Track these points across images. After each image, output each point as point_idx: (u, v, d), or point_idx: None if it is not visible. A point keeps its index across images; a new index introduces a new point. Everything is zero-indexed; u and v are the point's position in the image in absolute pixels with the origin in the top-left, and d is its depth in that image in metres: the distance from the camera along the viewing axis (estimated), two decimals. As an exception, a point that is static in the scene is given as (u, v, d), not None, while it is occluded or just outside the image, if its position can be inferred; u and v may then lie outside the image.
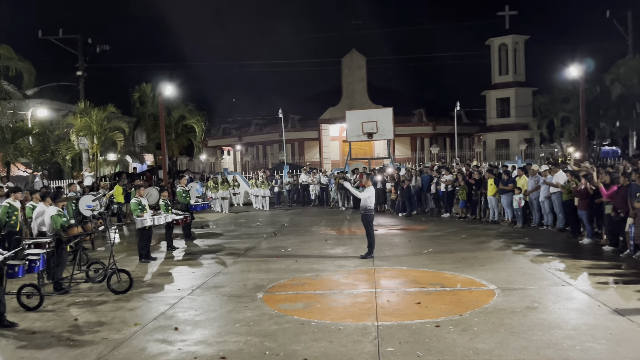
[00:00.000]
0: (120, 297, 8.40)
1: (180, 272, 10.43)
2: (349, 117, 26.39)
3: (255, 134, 51.65)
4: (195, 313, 7.39)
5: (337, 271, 9.91)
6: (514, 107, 43.15)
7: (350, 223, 17.47)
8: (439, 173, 19.01)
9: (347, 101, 44.76)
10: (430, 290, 8.22)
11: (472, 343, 5.82)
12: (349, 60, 46.61)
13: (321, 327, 6.52)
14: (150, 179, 23.56)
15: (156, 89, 25.60)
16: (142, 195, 11.82)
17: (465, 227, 15.37)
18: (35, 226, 9.48)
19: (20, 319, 7.25)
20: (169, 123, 27.38)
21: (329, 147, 46.35)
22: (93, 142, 24.63)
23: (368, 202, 11.18)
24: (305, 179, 25.15)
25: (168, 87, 23.41)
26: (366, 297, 7.92)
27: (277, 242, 13.87)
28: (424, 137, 46.51)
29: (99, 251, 12.96)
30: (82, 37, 29.11)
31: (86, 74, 29.50)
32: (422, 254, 11.43)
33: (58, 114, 29.39)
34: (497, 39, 43.71)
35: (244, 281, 9.26)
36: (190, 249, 13.30)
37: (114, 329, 6.77)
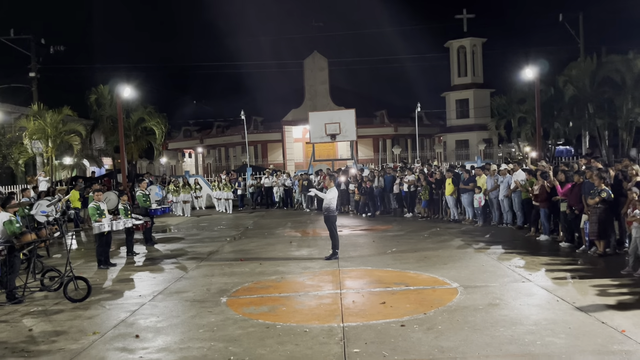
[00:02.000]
0: (78, 305, 8.11)
1: (141, 278, 10.17)
2: (312, 119, 26.38)
3: (217, 136, 51.03)
4: (157, 319, 7.20)
5: (302, 273, 9.86)
6: (472, 108, 44.09)
7: (315, 224, 17.44)
8: (401, 173, 19.20)
9: (310, 103, 44.77)
10: (394, 290, 8.27)
11: (437, 341, 5.87)
12: (311, 62, 46.65)
13: (287, 330, 6.45)
14: (108, 183, 22.93)
15: (114, 91, 24.99)
16: (100, 199, 11.48)
17: (427, 227, 15.57)
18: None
19: (-30, 332, 6.91)
20: (127, 125, 26.76)
21: (292, 148, 46.25)
22: (48, 146, 23.83)
23: (331, 203, 11.17)
24: (269, 181, 25.00)
25: (126, 88, 22.86)
26: (331, 299, 7.90)
27: (240, 245, 13.71)
28: (386, 138, 46.97)
29: (55, 258, 12.51)
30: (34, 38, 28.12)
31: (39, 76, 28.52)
32: (386, 253, 11.50)
33: (10, 116, 28.27)
34: (455, 41, 44.58)
35: (207, 285, 9.09)
36: (151, 254, 12.99)
37: (71, 338, 6.52)
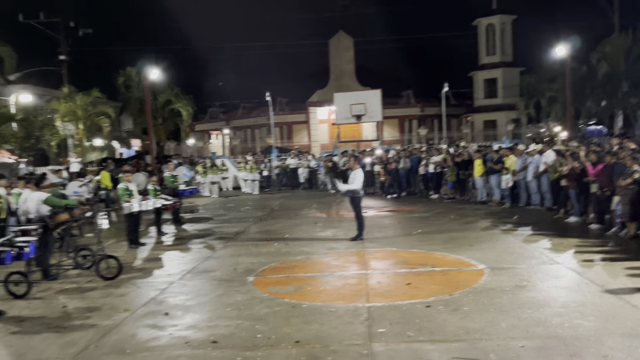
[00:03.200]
0: (110, 283, 8.35)
1: (170, 257, 10.39)
2: (337, 100, 26.24)
3: (243, 118, 51.26)
4: (185, 298, 7.36)
5: (328, 253, 9.92)
6: (501, 88, 43.21)
7: (340, 206, 17.46)
8: (427, 154, 19.03)
9: (335, 83, 44.51)
10: (420, 271, 8.26)
11: (462, 322, 5.86)
12: (337, 41, 46.24)
13: (312, 310, 6.52)
14: (137, 164, 23.32)
15: (142, 73, 25.26)
16: (130, 180, 11.70)
17: (454, 208, 15.44)
18: (21, 213, 9.35)
19: (8, 307, 7.18)
20: (155, 107, 27.09)
21: (317, 130, 46.19)
22: (78, 128, 24.32)
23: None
24: (294, 163, 25.07)
25: (154, 71, 23.08)
26: (357, 279, 7.95)
27: (266, 225, 13.85)
28: (412, 118, 46.49)
29: (87, 237, 12.84)
30: (64, 21, 28.51)
31: (69, 58, 28.93)
32: (412, 235, 11.47)
33: (42, 99, 28.89)
34: (484, 19, 43.56)
35: (234, 265, 9.24)
36: (179, 234, 13.23)
37: (104, 315, 6.73)
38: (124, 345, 5.63)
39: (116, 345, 5.64)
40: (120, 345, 5.63)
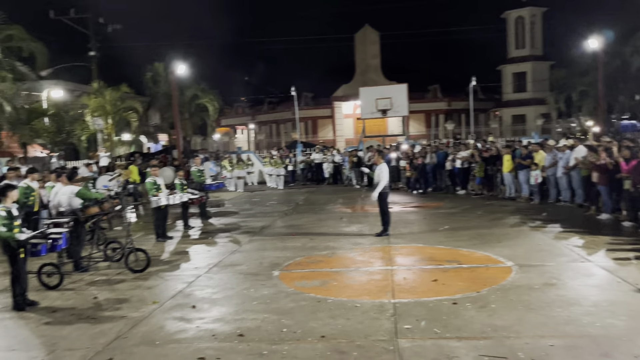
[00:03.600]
0: (138, 275, 8.49)
1: (197, 251, 10.51)
2: (363, 94, 26.10)
3: (268, 113, 51.51)
4: (212, 291, 7.44)
5: (353, 249, 9.90)
6: (530, 82, 42.42)
7: (365, 201, 17.42)
8: (454, 149, 18.81)
9: (361, 78, 44.29)
10: (446, 268, 8.18)
11: (490, 320, 5.79)
12: (362, 36, 45.99)
13: (338, 305, 6.52)
14: (165, 159, 23.65)
15: (169, 68, 25.55)
16: (157, 175, 11.86)
17: (481, 204, 15.24)
18: (53, 206, 9.58)
19: (41, 298, 7.37)
20: (182, 102, 27.35)
21: (342, 124, 46.09)
22: (107, 122, 24.75)
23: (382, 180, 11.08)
24: (319, 157, 25.08)
25: (180, 66, 23.34)
26: (382, 275, 7.91)
27: (291, 220, 13.89)
28: (439, 113, 46.01)
29: (116, 230, 13.08)
30: (93, 17, 29.01)
31: (99, 54, 29.44)
32: (438, 231, 11.37)
33: (72, 94, 29.48)
34: (513, 11, 42.78)
35: (260, 259, 9.29)
36: (206, 227, 13.38)
37: (133, 307, 6.85)
38: (153, 337, 5.72)
39: (145, 337, 5.74)
40: (149, 337, 5.73)
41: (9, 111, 18.29)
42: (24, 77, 20.15)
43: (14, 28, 17.69)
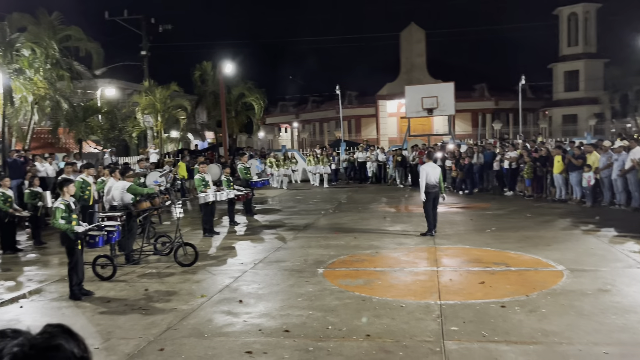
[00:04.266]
0: (187, 269, 8.71)
1: (243, 247, 10.70)
2: (408, 93, 25.87)
3: (312, 111, 51.75)
4: (258, 286, 7.56)
5: (397, 249, 9.85)
6: (583, 80, 40.93)
7: (409, 201, 17.28)
8: (502, 149, 18.40)
9: (406, 76, 43.88)
10: (494, 270, 8.02)
11: (540, 324, 5.65)
12: (408, 34, 45.54)
13: (383, 304, 6.51)
14: (211, 156, 24.14)
15: (216, 67, 26.05)
16: (206, 171, 12.13)
17: (530, 206, 14.85)
18: (106, 201, 9.96)
19: (96, 288, 7.68)
20: (229, 101, 27.85)
21: (386, 123, 45.81)
22: (157, 120, 25.48)
23: (429, 180, 10.96)
24: (362, 156, 25.01)
25: (228, 65, 23.76)
26: (428, 275, 7.84)
27: (335, 218, 13.93)
28: (486, 112, 45.06)
29: (165, 225, 13.47)
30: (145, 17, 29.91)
31: (150, 54, 30.35)
32: (485, 232, 11.16)
33: (124, 92, 30.51)
34: (566, 7, 41.37)
35: (304, 256, 9.37)
36: (251, 224, 13.59)
37: (182, 300, 7.04)
38: (202, 329, 5.87)
39: (194, 329, 5.90)
40: (198, 329, 5.88)
41: (66, 108, 19.10)
42: (81, 75, 21.01)
43: (71, 29, 18.44)
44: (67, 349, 0.82)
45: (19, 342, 0.80)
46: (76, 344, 0.84)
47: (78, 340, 0.85)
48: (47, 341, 0.82)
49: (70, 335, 0.85)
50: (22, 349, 0.79)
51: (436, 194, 10.97)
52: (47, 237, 11.87)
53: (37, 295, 7.62)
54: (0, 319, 6.61)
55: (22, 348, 0.79)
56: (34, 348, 0.80)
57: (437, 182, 10.89)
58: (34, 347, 0.80)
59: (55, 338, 0.83)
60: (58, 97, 18.51)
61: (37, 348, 0.80)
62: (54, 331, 0.84)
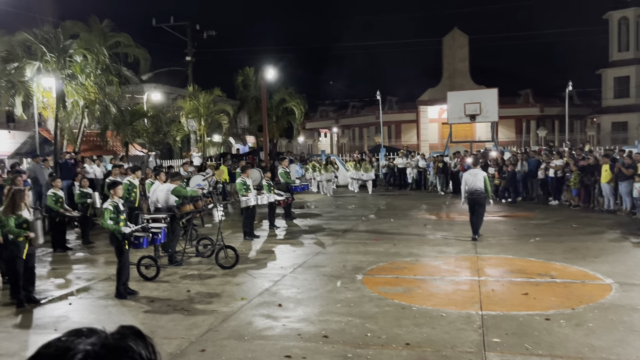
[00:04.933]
0: (227, 272, 8.85)
1: (282, 251, 10.78)
2: (451, 98, 25.54)
3: (352, 116, 51.72)
4: (297, 291, 7.60)
5: (438, 257, 9.72)
6: (634, 87, 39.38)
7: (450, 208, 17.03)
8: (547, 157, 17.92)
9: (448, 82, 43.32)
10: (538, 281, 7.82)
11: (586, 339, 5.47)
12: (451, 39, 44.97)
13: (423, 313, 6.44)
14: (252, 160, 24.46)
15: (259, 73, 26.41)
16: (247, 175, 12.30)
17: (576, 216, 14.39)
18: (151, 203, 10.24)
19: (140, 288, 7.89)
20: (270, 106, 28.17)
21: (427, 129, 45.28)
22: (200, 124, 26.01)
23: (477, 185, 10.88)
24: (402, 162, 24.80)
25: (270, 70, 24.03)
26: (469, 285, 7.71)
27: (374, 224, 13.87)
28: (531, 119, 43.96)
29: (207, 228, 13.72)
30: (191, 24, 30.65)
31: (194, 59, 31.06)
32: (529, 242, 10.88)
33: (169, 97, 31.32)
34: (616, 12, 39.96)
35: (343, 262, 9.37)
36: (290, 228, 13.68)
37: (223, 302, 7.15)
38: (242, 332, 5.95)
39: (235, 331, 5.98)
40: (238, 332, 5.97)
41: (114, 112, 19.74)
42: (128, 80, 21.68)
43: (121, 35, 19.06)
44: (135, 350, 0.86)
45: (92, 341, 0.85)
46: (145, 346, 0.88)
47: (147, 343, 0.90)
48: (117, 342, 0.87)
49: (140, 338, 0.89)
50: (93, 347, 0.84)
51: (475, 201, 10.86)
52: (94, 236, 12.29)
53: (85, 293, 7.90)
54: (50, 315, 6.88)
55: (94, 347, 0.84)
56: (104, 347, 0.84)
57: (477, 189, 10.79)
58: (105, 347, 0.85)
59: (125, 339, 0.87)
60: (107, 102, 19.16)
61: (108, 348, 0.85)
62: (126, 333, 0.89)
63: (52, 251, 11.10)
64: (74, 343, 0.86)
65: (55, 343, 0.87)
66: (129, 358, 0.85)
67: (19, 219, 7.20)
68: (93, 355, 0.83)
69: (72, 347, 0.85)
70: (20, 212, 7.24)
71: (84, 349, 0.85)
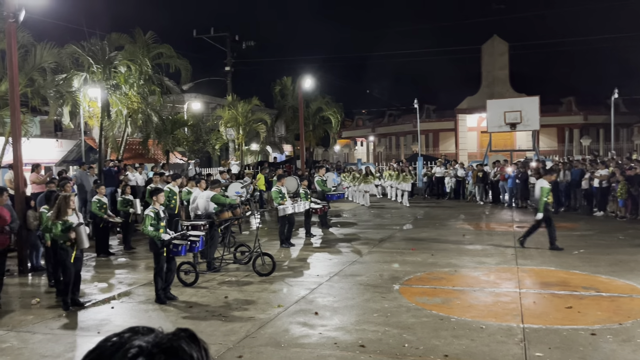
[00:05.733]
0: (264, 279, 8.91)
1: (318, 259, 10.78)
2: (490, 107, 25.13)
3: (388, 125, 51.50)
4: (333, 299, 7.58)
5: (477, 268, 9.53)
6: (684, 94, 37.84)
7: (489, 218, 16.71)
8: (592, 167, 17.37)
9: (487, 90, 42.63)
10: (582, 295, 7.56)
11: (634, 355, 5.25)
12: (490, 47, 44.28)
13: (461, 324, 6.32)
14: (289, 169, 24.63)
15: (296, 82, 26.65)
16: (283, 184, 12.38)
17: (622, 228, 13.87)
18: (191, 210, 10.43)
19: (179, 293, 8.03)
20: (307, 115, 28.37)
21: (465, 138, 44.63)
22: (239, 133, 26.41)
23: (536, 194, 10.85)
24: (440, 171, 24.48)
25: (307, 80, 24.21)
26: (510, 297, 7.52)
27: (411, 234, 13.72)
28: (574, 127, 42.75)
29: (244, 235, 13.87)
30: (230, 35, 31.24)
31: (233, 69, 31.60)
32: (572, 254, 10.54)
33: (209, 106, 31.96)
34: (665, 16, 38.54)
35: (380, 271, 9.30)
36: (326, 236, 13.68)
37: (260, 309, 7.20)
38: (279, 339, 5.97)
39: (271, 338, 6.01)
40: (275, 339, 5.99)
41: (156, 121, 20.27)
42: (170, 90, 22.25)
43: (163, 47, 19.59)
44: (186, 352, 0.89)
45: (147, 339, 0.89)
46: (198, 349, 0.91)
47: (200, 347, 0.92)
48: (170, 341, 0.89)
49: (193, 341, 0.92)
50: (147, 345, 0.87)
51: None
52: (135, 242, 12.59)
53: (126, 297, 8.09)
54: (94, 318, 7.07)
55: (148, 344, 0.87)
56: (157, 346, 0.88)
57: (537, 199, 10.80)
58: (157, 345, 0.88)
59: (179, 340, 0.90)
60: (149, 111, 19.69)
61: (160, 346, 0.88)
62: (181, 334, 0.92)
63: (96, 256, 11.43)
64: (130, 339, 0.90)
65: (113, 338, 0.92)
66: (180, 358, 0.88)
67: (65, 224, 7.46)
68: (146, 351, 0.87)
69: (127, 343, 0.89)
70: (66, 218, 7.50)
71: (138, 344, 0.89)
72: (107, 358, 0.88)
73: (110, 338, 0.92)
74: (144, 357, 0.87)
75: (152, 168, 18.77)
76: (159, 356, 0.87)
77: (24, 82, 13.47)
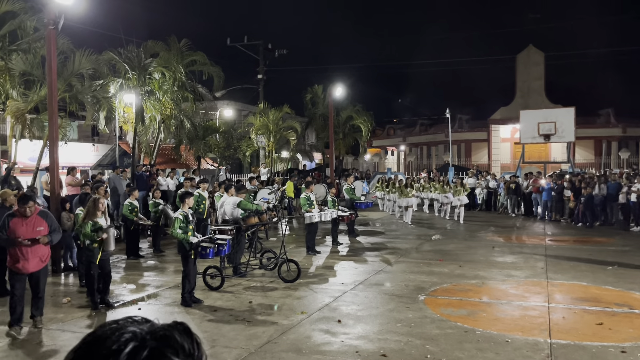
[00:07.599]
0: (289, 285, 8.93)
1: (344, 267, 10.75)
2: (524, 117, 24.72)
3: (420, 135, 51.09)
4: (357, 308, 7.55)
5: (505, 281, 9.34)
6: None
7: (521, 231, 16.36)
8: (629, 181, 16.86)
9: (521, 100, 41.90)
10: (615, 311, 7.32)
11: (668, 377, 5.05)
12: (525, 57, 43.57)
13: (486, 337, 6.20)
14: (318, 177, 24.69)
15: (327, 91, 26.75)
16: (312, 191, 12.42)
17: (661, 244, 13.39)
18: (219, 215, 10.56)
19: (205, 297, 8.13)
20: (337, 123, 28.42)
21: (498, 148, 43.92)
22: (269, 140, 26.63)
23: None
24: (472, 182, 24.15)
25: (338, 88, 24.27)
26: (538, 311, 7.34)
27: (439, 245, 13.55)
28: (611, 140, 41.57)
29: (271, 241, 13.94)
30: (263, 43, 31.61)
31: (265, 77, 31.95)
32: (606, 270, 10.22)
33: (240, 114, 32.35)
34: None
35: (405, 281, 9.21)
36: (353, 245, 13.63)
37: (283, 315, 7.22)
38: (300, 346, 5.97)
39: (293, 344, 6.02)
40: (297, 345, 5.99)
41: (189, 128, 20.64)
42: (202, 97, 22.67)
43: (197, 54, 19.97)
44: (178, 342, 0.92)
45: (142, 327, 0.92)
46: (190, 342, 0.94)
47: (192, 339, 0.95)
48: (163, 330, 0.93)
49: (187, 333, 0.95)
50: (141, 331, 0.91)
51: None
52: (164, 246, 12.81)
53: (153, 299, 8.23)
54: (121, 318, 7.20)
55: (141, 331, 0.91)
56: (150, 333, 0.91)
57: None
58: (150, 333, 0.91)
59: (172, 330, 0.94)
60: (182, 117, 20.07)
61: (153, 334, 0.91)
62: (175, 326, 0.96)
63: (126, 258, 11.67)
64: (125, 325, 0.94)
65: (110, 324, 0.96)
66: (171, 347, 0.91)
67: (95, 225, 7.66)
68: (139, 337, 0.90)
69: (122, 329, 0.93)
70: (96, 219, 7.70)
71: (132, 330, 0.93)
72: (102, 341, 0.92)
73: (108, 324, 0.96)
74: (136, 342, 0.90)
75: (184, 173, 19.09)
76: (151, 342, 0.90)
77: (62, 88, 13.91)
